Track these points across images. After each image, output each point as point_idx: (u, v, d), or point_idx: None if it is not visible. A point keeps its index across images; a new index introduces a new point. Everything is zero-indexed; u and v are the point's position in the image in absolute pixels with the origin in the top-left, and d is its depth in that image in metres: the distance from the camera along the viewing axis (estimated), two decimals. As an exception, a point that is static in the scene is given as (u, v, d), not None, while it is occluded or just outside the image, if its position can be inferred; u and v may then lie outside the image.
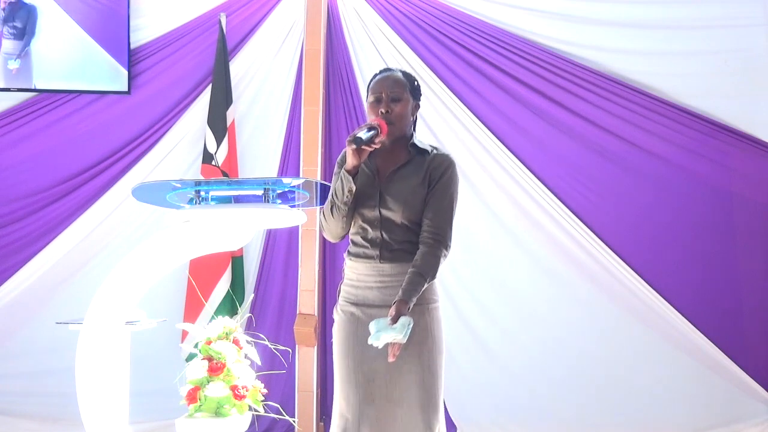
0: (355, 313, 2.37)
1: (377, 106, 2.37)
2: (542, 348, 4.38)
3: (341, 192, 2.31)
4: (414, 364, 2.29)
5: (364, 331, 2.26)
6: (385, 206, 2.34)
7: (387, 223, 2.34)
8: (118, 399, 2.58)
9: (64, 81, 4.49)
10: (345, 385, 2.34)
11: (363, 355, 2.31)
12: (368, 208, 2.36)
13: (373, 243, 2.35)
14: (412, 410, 2.27)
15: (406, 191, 2.34)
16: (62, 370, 3.40)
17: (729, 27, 4.30)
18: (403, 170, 2.37)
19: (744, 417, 4.26)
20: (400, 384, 2.28)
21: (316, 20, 4.51)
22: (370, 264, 2.35)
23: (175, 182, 2.56)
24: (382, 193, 2.35)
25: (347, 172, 2.30)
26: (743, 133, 4.27)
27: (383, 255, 2.33)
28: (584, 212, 4.34)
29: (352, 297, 2.40)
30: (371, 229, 2.36)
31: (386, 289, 2.33)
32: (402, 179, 2.36)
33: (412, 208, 2.33)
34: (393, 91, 2.37)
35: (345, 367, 2.35)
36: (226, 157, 4.38)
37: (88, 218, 4.45)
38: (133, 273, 2.55)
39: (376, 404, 2.28)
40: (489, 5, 4.46)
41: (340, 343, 2.39)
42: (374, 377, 2.30)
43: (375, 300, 2.35)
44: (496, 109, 4.43)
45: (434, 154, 2.41)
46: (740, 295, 4.30)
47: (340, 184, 2.31)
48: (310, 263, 4.39)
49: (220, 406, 2.76)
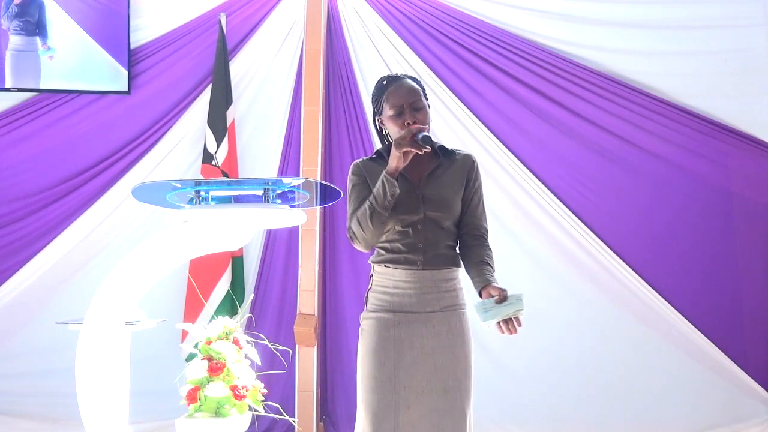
0: (391, 318, 2.33)
1: (400, 118, 2.36)
2: (542, 348, 4.37)
3: (382, 196, 2.27)
4: (450, 370, 2.28)
5: (401, 334, 2.27)
6: (430, 209, 2.33)
7: (430, 227, 2.33)
8: (118, 399, 2.58)
9: (64, 81, 4.49)
10: (376, 392, 2.28)
11: (399, 361, 2.28)
12: (410, 213, 2.33)
13: (414, 249, 2.33)
14: (451, 414, 2.25)
15: (447, 192, 2.36)
16: (62, 370, 3.40)
17: (729, 27, 4.30)
18: (439, 172, 2.39)
19: (744, 417, 4.26)
20: (439, 390, 2.27)
21: (316, 20, 4.51)
22: (411, 271, 2.32)
23: (175, 182, 2.55)
24: (425, 197, 2.34)
25: (390, 175, 2.27)
26: (743, 133, 4.27)
27: (426, 260, 2.32)
28: (584, 212, 4.34)
29: (386, 304, 2.35)
30: (413, 235, 2.33)
31: (425, 295, 2.32)
32: (439, 180, 2.37)
33: (454, 209, 2.36)
34: (413, 101, 2.37)
35: (378, 373, 2.29)
36: (226, 157, 4.38)
37: (88, 218, 4.45)
38: (133, 273, 2.55)
39: (411, 410, 2.26)
40: (489, 5, 4.46)
41: (371, 349, 2.32)
42: (411, 384, 2.27)
43: (412, 307, 2.32)
44: (496, 109, 4.44)
45: (463, 154, 2.45)
46: (740, 295, 4.30)
47: (382, 188, 2.26)
48: (310, 263, 4.39)
49: (220, 406, 2.77)
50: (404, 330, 2.30)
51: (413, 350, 2.29)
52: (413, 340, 2.30)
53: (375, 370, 2.30)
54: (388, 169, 2.27)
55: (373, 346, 2.32)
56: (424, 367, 2.27)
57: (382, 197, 2.27)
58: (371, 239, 2.35)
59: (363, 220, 2.31)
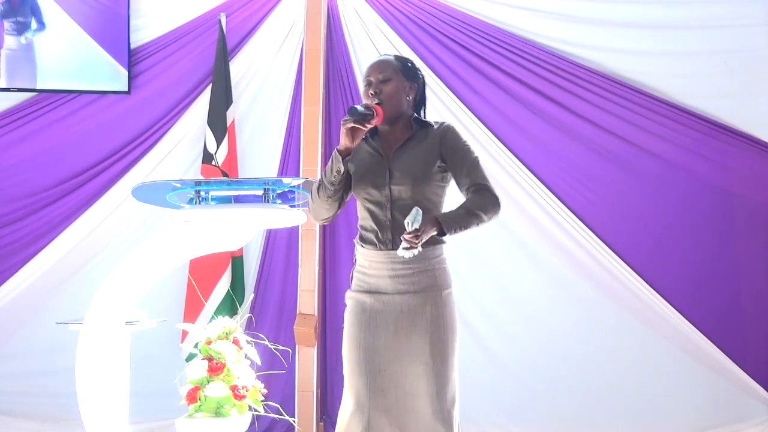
0: (368, 301, 2.35)
1: (368, 89, 2.38)
2: (542, 348, 4.37)
3: (329, 171, 2.31)
4: (424, 354, 2.27)
5: (376, 320, 2.27)
6: (396, 182, 2.32)
7: (398, 203, 2.31)
8: (118, 399, 2.58)
9: (64, 81, 4.49)
10: (355, 375, 2.31)
11: (374, 345, 2.30)
12: (377, 188, 2.34)
13: (383, 226, 2.33)
14: (423, 400, 2.26)
15: (414, 163, 2.33)
16: (62, 370, 3.40)
17: (729, 27, 4.29)
18: (409, 144, 2.38)
19: (744, 417, 4.26)
20: (411, 374, 2.27)
21: (316, 20, 4.51)
22: (383, 251, 2.32)
23: (175, 182, 2.56)
24: (391, 170, 2.34)
25: (338, 152, 2.29)
26: (743, 133, 4.26)
27: (395, 240, 2.28)
28: (584, 212, 4.33)
29: (365, 285, 2.38)
30: (381, 211, 2.33)
31: (399, 278, 2.31)
32: (408, 152, 2.36)
33: (422, 180, 2.32)
34: (382, 73, 2.38)
35: (356, 356, 2.32)
36: (226, 157, 4.38)
37: (88, 218, 4.45)
38: (133, 273, 2.55)
39: (387, 394, 2.27)
40: (489, 5, 4.46)
41: (351, 331, 2.36)
42: (386, 367, 2.28)
43: (388, 289, 2.33)
44: (496, 109, 4.43)
45: (438, 126, 2.43)
46: (740, 295, 4.29)
47: (330, 163, 2.31)
48: (310, 263, 4.39)
49: (220, 406, 2.77)
50: (379, 311, 2.31)
51: (387, 332, 2.30)
52: (388, 322, 2.31)
53: (353, 352, 2.33)
54: (338, 146, 2.29)
55: (351, 327, 2.36)
56: (397, 350, 2.27)
57: (329, 172, 2.32)
58: (319, 212, 2.41)
59: (313, 190, 2.39)
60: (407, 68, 2.44)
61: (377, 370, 2.28)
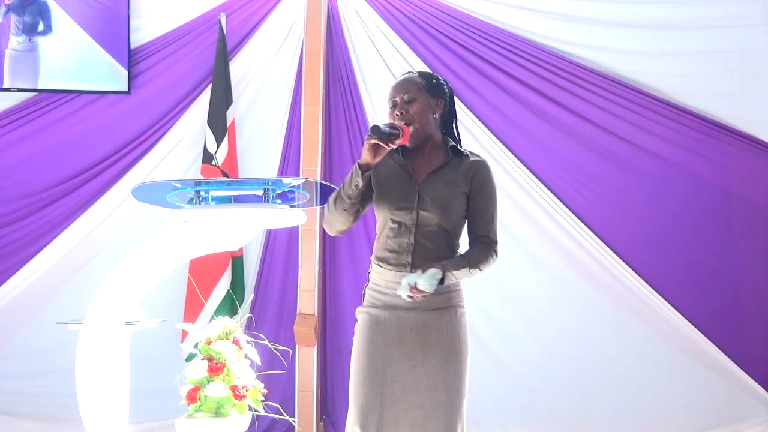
0: (382, 315, 2.35)
1: (393, 111, 2.37)
2: (542, 348, 4.38)
3: (347, 184, 2.31)
4: (442, 369, 2.27)
5: (391, 332, 2.27)
6: (424, 208, 2.31)
7: (422, 228, 2.31)
8: (118, 399, 2.58)
9: (64, 81, 4.49)
10: (365, 386, 2.31)
11: (387, 356, 2.30)
12: (404, 210, 2.32)
13: (405, 249, 2.32)
14: (436, 413, 2.25)
15: (446, 193, 2.33)
16: (62, 370, 3.39)
17: (729, 27, 4.29)
18: (441, 171, 2.36)
19: (744, 417, 4.26)
20: (426, 387, 2.27)
21: (316, 20, 4.51)
22: (401, 273, 2.30)
23: (175, 182, 2.56)
24: (421, 194, 2.32)
25: (359, 166, 2.28)
26: (743, 133, 4.26)
27: (415, 263, 2.29)
28: (584, 212, 4.33)
29: (379, 302, 2.37)
30: (404, 233, 2.32)
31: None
32: (440, 180, 2.34)
33: (449, 212, 2.32)
34: (406, 93, 2.36)
35: (368, 367, 2.31)
36: (226, 157, 4.38)
37: (88, 218, 4.45)
38: (133, 273, 2.55)
39: (397, 406, 2.27)
40: (489, 5, 4.46)
41: (363, 343, 2.36)
42: (398, 378, 2.28)
43: (403, 305, 2.31)
44: (496, 109, 4.43)
45: (473, 159, 2.40)
46: (740, 295, 4.29)
47: (349, 176, 2.31)
48: (310, 263, 4.39)
49: (220, 406, 2.76)
50: (394, 326, 2.31)
51: (402, 346, 2.30)
52: (402, 336, 2.31)
53: (364, 365, 2.33)
54: (360, 159, 2.28)
55: (363, 340, 2.36)
56: (411, 363, 2.27)
57: (347, 185, 2.31)
58: (334, 224, 2.41)
59: (330, 200, 2.38)
60: (432, 85, 2.41)
61: (391, 381, 2.28)
